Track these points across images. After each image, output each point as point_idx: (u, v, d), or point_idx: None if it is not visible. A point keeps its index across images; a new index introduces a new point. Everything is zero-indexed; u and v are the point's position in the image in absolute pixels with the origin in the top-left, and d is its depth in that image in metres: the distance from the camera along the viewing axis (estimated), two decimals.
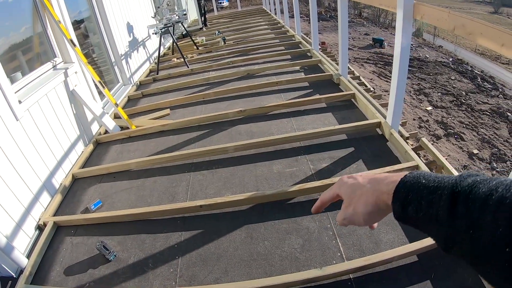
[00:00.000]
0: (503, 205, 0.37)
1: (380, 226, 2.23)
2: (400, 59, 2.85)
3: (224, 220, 2.49)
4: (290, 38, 7.79)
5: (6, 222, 2.44)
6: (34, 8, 3.56)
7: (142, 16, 7.10)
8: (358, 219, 0.59)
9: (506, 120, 11.60)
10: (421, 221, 0.48)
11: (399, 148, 2.98)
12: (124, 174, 3.25)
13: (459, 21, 2.13)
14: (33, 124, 3.01)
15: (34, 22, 3.59)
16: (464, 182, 0.43)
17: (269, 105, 4.03)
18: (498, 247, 0.37)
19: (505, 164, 9.26)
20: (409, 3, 2.61)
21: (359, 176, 0.62)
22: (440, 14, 2.34)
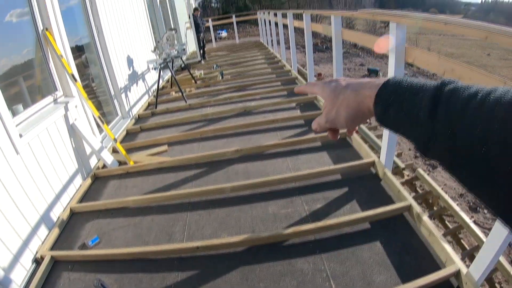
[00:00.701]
0: (482, 107, 0.38)
1: (373, 267, 2.27)
2: None
3: (220, 261, 2.53)
4: (286, 73, 8.00)
5: (4, 254, 2.47)
6: (37, 42, 3.70)
7: (142, 49, 7.30)
8: (339, 122, 0.60)
9: None
10: (401, 123, 0.48)
11: (392, 187, 3.05)
12: (122, 211, 3.31)
13: (449, 65, 2.22)
14: (33, 157, 3.07)
15: (37, 55, 3.72)
16: (445, 87, 0.44)
17: (265, 145, 4.13)
18: (474, 148, 0.37)
19: None
20: (401, 47, 2.72)
21: (342, 80, 0.61)
22: (431, 58, 2.45)
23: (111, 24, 5.63)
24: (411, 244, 2.46)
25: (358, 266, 2.30)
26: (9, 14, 3.41)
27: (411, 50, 2.70)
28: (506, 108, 0.36)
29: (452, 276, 2.14)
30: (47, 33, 3.67)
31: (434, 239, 2.37)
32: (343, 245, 2.50)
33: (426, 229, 2.45)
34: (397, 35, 2.70)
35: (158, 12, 9.72)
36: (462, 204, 8.55)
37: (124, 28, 6.25)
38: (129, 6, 6.80)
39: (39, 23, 3.67)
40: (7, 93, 2.94)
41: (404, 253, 2.37)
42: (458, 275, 2.12)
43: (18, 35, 3.58)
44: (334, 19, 4.25)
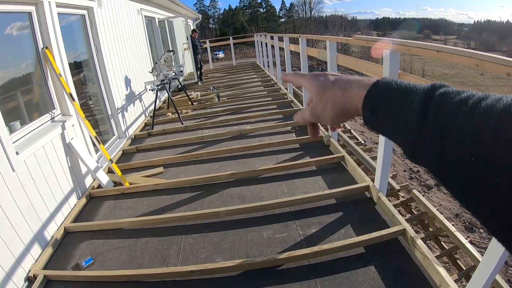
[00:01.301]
0: (472, 115, 0.36)
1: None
2: None
3: (214, 286, 2.54)
4: (282, 96, 8.13)
5: None
6: (37, 59, 3.76)
7: (140, 70, 7.41)
8: (325, 118, 0.59)
9: None
10: (390, 127, 0.47)
11: (387, 211, 3.09)
12: (116, 232, 3.30)
13: None
14: (29, 175, 3.08)
15: (36, 72, 3.77)
16: (436, 91, 0.42)
17: (261, 169, 4.17)
18: (463, 156, 0.36)
19: None
20: (395, 73, 2.80)
21: (331, 75, 0.59)
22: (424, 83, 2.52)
23: (110, 43, 5.73)
24: (406, 268, 2.49)
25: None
26: (9, 29, 3.48)
27: (404, 76, 2.80)
28: (498, 116, 0.34)
29: None
30: (47, 52, 3.74)
31: (428, 262, 2.39)
32: (338, 269, 2.51)
33: (421, 252, 2.48)
34: (391, 61, 2.80)
35: (156, 33, 9.87)
36: (457, 224, 8.58)
37: (122, 48, 6.36)
38: (128, 26, 6.93)
39: (39, 41, 3.74)
40: (4, 109, 2.96)
41: (399, 277, 2.40)
42: None
43: (18, 51, 3.65)
44: (330, 44, 4.36)
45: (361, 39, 3.59)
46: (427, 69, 33.40)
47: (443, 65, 37.73)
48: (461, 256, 4.97)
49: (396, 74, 2.80)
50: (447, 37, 61.17)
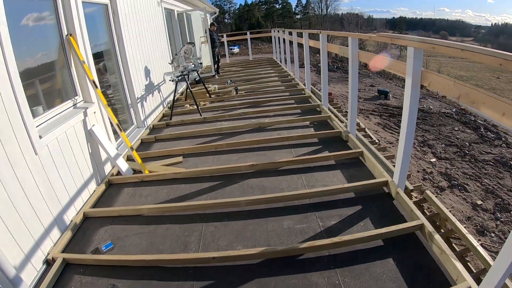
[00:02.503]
0: None
1: (387, 283, 2.28)
2: (407, 124, 2.99)
3: (235, 273, 2.52)
4: (300, 92, 8.07)
5: (16, 252, 2.47)
6: (61, 46, 3.76)
7: (159, 61, 7.43)
8: None
9: (509, 170, 11.62)
10: None
11: (405, 207, 3.06)
12: (136, 219, 3.30)
13: (464, 90, 2.26)
14: (50, 159, 3.09)
15: (60, 59, 3.78)
16: None
17: (280, 161, 4.15)
18: None
19: (509, 214, 9.19)
20: (418, 71, 2.76)
21: None
22: (446, 82, 2.47)
23: (131, 33, 5.74)
24: (423, 262, 2.47)
25: (371, 282, 2.31)
26: (34, 17, 3.48)
27: (427, 74, 2.73)
28: None
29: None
30: (71, 38, 3.74)
31: (445, 257, 2.38)
32: (357, 261, 2.51)
33: (438, 247, 2.47)
34: (415, 59, 2.75)
35: (175, 26, 9.89)
36: (469, 227, 8.47)
37: (142, 39, 6.37)
38: (148, 18, 6.95)
39: (63, 28, 3.75)
40: (27, 94, 2.97)
41: (416, 270, 2.39)
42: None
43: (42, 38, 3.65)
44: (352, 40, 4.31)
45: (385, 36, 3.55)
46: (443, 70, 32.94)
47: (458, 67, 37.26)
48: (471, 259, 4.88)
49: (419, 72, 2.77)
50: (463, 39, 60.27)
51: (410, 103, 2.90)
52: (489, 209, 9.50)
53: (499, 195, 10.09)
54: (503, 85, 29.02)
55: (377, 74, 27.46)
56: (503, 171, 11.66)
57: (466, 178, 11.03)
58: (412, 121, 2.99)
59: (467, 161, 12.30)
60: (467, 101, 2.21)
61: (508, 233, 8.42)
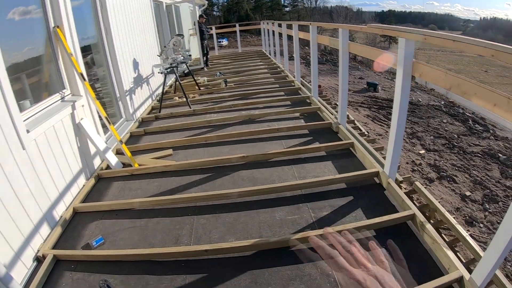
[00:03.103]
0: None
1: None
2: (398, 114, 3.00)
3: (228, 265, 2.52)
4: (289, 83, 8.07)
5: (5, 250, 2.43)
6: (48, 38, 3.67)
7: (147, 53, 7.33)
8: None
9: (497, 161, 11.82)
10: None
11: (396, 197, 3.09)
12: (127, 213, 3.27)
13: (455, 81, 2.27)
14: (39, 154, 3.03)
15: (47, 51, 3.69)
16: None
17: (271, 152, 4.14)
18: None
19: (497, 205, 9.37)
20: (409, 62, 2.77)
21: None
22: (438, 73, 2.49)
23: (119, 25, 5.65)
24: (415, 251, 2.51)
25: None
26: (20, 10, 3.40)
27: (418, 65, 2.76)
28: None
29: (455, 281, 2.18)
30: (58, 30, 3.66)
31: (437, 246, 2.41)
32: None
33: (430, 237, 2.50)
34: (406, 50, 2.76)
35: (164, 18, 9.77)
36: (458, 218, 8.59)
37: (131, 31, 6.28)
38: (136, 9, 6.84)
39: (50, 20, 3.66)
40: (14, 88, 2.90)
41: (409, 260, 2.35)
42: (461, 281, 2.16)
43: (29, 32, 3.57)
44: (342, 32, 4.30)
45: (376, 27, 3.54)
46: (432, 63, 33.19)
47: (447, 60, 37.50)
48: (461, 249, 4.94)
49: (410, 63, 2.78)
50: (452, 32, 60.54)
51: (401, 94, 2.92)
52: (477, 200, 9.64)
53: (488, 186, 10.24)
54: (491, 78, 29.29)
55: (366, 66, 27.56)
56: (491, 163, 11.82)
57: (455, 169, 11.16)
58: (403, 112, 3.01)
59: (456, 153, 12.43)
60: (459, 92, 2.23)
61: (496, 224, 8.61)
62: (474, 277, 2.06)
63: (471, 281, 2.08)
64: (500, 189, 10.20)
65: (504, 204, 9.41)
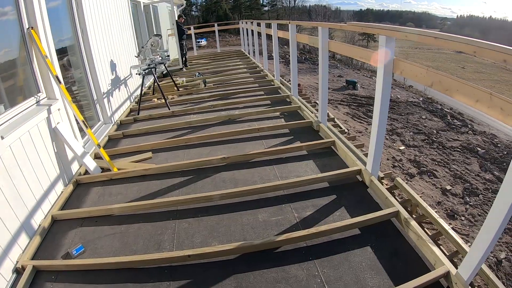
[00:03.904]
0: None
1: (366, 271, 2.32)
2: (380, 112, 3.03)
3: (212, 269, 2.49)
4: (269, 82, 8.08)
5: None
6: (22, 40, 3.55)
7: (125, 54, 7.21)
8: None
9: (476, 155, 12.15)
10: None
11: (379, 194, 3.12)
12: (107, 219, 3.20)
13: (437, 77, 2.30)
14: (14, 161, 2.92)
15: (20, 54, 3.56)
16: None
17: (252, 153, 4.12)
18: None
19: (477, 197, 9.63)
20: (390, 59, 2.80)
21: None
22: (419, 70, 2.50)
23: (96, 26, 5.53)
24: (400, 248, 2.52)
25: (351, 271, 2.34)
26: None
27: (399, 62, 2.77)
28: None
29: (442, 277, 2.21)
30: (33, 32, 3.54)
31: (422, 242, 2.43)
32: (335, 251, 2.53)
33: (414, 233, 2.52)
34: (387, 47, 2.79)
35: (141, 18, 9.63)
36: (440, 211, 8.76)
37: (108, 32, 6.16)
38: (113, 10, 6.71)
39: (24, 21, 3.53)
40: None
41: (394, 257, 2.43)
42: (448, 276, 2.18)
43: (2, 33, 3.45)
44: (322, 30, 4.30)
45: (356, 25, 3.55)
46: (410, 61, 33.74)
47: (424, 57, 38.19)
48: (444, 242, 5.04)
49: (391, 60, 2.80)
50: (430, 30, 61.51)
51: (383, 91, 2.95)
52: (458, 193, 9.85)
53: (467, 180, 10.48)
54: (469, 74, 29.96)
55: (345, 64, 27.79)
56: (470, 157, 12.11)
57: (435, 164, 11.38)
58: (385, 110, 3.04)
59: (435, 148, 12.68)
60: (440, 88, 2.27)
61: (477, 216, 8.81)
62: (460, 271, 2.09)
63: (458, 275, 2.11)
64: (480, 182, 10.45)
65: (484, 197, 9.66)
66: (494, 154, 12.45)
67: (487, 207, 9.24)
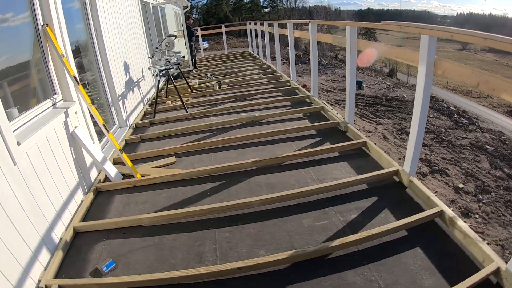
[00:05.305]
0: None
1: (420, 272, 2.21)
2: (420, 111, 2.99)
3: (264, 282, 2.26)
4: (285, 84, 7.86)
5: (2, 284, 2.04)
6: (36, 38, 3.29)
7: (137, 56, 6.98)
8: None
9: (485, 153, 12.12)
10: None
11: (420, 194, 3.00)
12: (136, 230, 2.92)
13: (483, 77, 2.25)
14: (32, 169, 2.63)
15: (35, 53, 3.30)
16: None
17: (284, 155, 3.90)
18: None
19: (490, 195, 9.55)
20: (431, 59, 2.72)
21: None
22: (464, 70, 2.46)
23: (109, 27, 5.30)
24: (448, 247, 2.44)
25: (406, 273, 2.23)
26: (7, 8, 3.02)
27: (441, 62, 2.70)
28: None
29: (492, 274, 2.13)
30: (48, 29, 3.28)
31: (470, 241, 2.37)
32: (387, 253, 2.42)
33: (461, 232, 2.46)
34: (429, 47, 2.70)
35: (150, 19, 9.42)
36: (454, 210, 8.56)
37: (120, 33, 5.94)
38: (125, 10, 6.50)
39: (39, 18, 3.27)
40: None
41: (443, 257, 2.35)
42: (498, 272, 2.12)
43: (17, 33, 3.19)
44: (350, 30, 4.19)
45: (393, 24, 3.49)
46: None
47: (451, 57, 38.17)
48: None
49: (432, 60, 2.73)
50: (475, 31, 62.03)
51: (424, 91, 2.89)
52: (470, 191, 9.77)
53: (479, 178, 10.42)
54: None
55: None
56: (480, 155, 12.07)
57: (446, 163, 11.29)
58: (425, 109, 3.01)
59: (445, 147, 12.63)
60: (487, 88, 2.26)
61: (491, 214, 8.67)
62: (510, 267, 2.04)
63: (508, 271, 2.05)
64: (491, 179, 10.36)
65: (496, 194, 9.56)
66: (503, 151, 12.44)
67: (500, 205, 9.30)
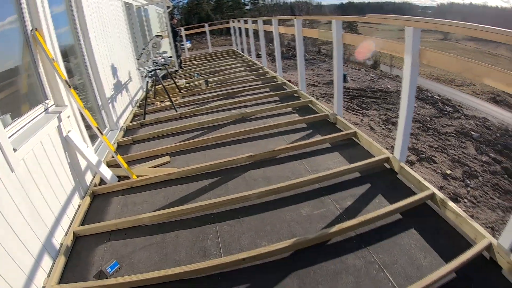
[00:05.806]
0: None
1: (416, 252, 2.34)
2: (408, 100, 3.10)
3: (269, 271, 2.32)
4: (271, 79, 7.91)
5: None
6: (25, 43, 3.26)
7: (124, 58, 6.95)
8: None
9: (471, 139, 12.40)
10: None
11: (412, 179, 3.14)
12: (137, 230, 2.94)
13: (467, 65, 2.40)
14: (29, 175, 2.63)
15: (24, 58, 3.27)
16: None
17: (277, 149, 3.95)
18: None
19: (477, 179, 9.80)
20: (416, 50, 2.84)
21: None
22: (447, 59, 2.61)
23: (96, 29, 5.26)
24: (442, 227, 2.57)
25: (403, 253, 2.35)
26: None
27: (426, 52, 2.82)
28: None
29: (485, 249, 2.27)
30: (37, 34, 3.26)
31: (461, 220, 2.51)
32: (383, 236, 2.53)
33: (452, 212, 2.60)
34: (414, 38, 2.83)
35: (135, 21, 9.35)
36: None
37: (107, 35, 5.90)
38: (110, 12, 6.45)
39: (27, 23, 3.25)
40: None
41: (438, 236, 2.48)
42: (490, 247, 2.25)
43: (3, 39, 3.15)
44: (336, 24, 4.26)
45: (377, 18, 3.61)
46: None
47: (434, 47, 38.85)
48: None
49: (417, 50, 2.85)
50: None
51: (410, 80, 3.01)
52: (458, 177, 9.99)
53: (466, 163, 10.65)
54: None
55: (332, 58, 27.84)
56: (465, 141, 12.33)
57: (433, 150, 11.49)
58: (412, 98, 3.11)
59: (431, 135, 12.83)
60: (471, 75, 2.41)
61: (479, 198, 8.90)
62: (501, 242, 2.17)
63: (499, 245, 2.18)
64: (477, 164, 10.59)
65: (483, 179, 9.77)
66: (487, 136, 12.71)
67: (488, 188, 9.48)
